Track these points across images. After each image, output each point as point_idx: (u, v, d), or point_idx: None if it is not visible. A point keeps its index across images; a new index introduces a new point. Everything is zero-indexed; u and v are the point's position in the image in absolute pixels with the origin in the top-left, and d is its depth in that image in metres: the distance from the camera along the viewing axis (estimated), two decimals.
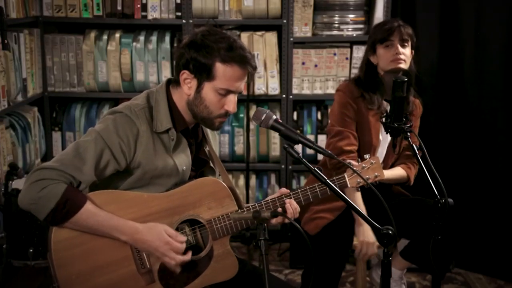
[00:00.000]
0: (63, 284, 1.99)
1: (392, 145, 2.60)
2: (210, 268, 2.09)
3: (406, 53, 2.76)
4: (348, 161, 2.25)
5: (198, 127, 2.23)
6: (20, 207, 1.98)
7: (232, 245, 2.15)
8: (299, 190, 2.14)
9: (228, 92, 2.04)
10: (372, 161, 2.21)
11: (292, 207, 2.11)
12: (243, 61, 2.02)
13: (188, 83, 2.06)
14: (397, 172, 2.83)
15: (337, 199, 2.76)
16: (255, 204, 2.11)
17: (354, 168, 2.12)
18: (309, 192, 2.14)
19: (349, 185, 2.18)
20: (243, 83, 2.07)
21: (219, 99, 2.05)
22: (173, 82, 2.13)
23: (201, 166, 2.23)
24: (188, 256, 2.04)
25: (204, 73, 2.02)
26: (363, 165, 2.21)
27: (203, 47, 2.01)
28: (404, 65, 2.76)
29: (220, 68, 2.01)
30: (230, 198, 2.10)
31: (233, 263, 2.11)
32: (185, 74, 2.05)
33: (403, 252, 2.91)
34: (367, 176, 2.19)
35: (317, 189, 2.14)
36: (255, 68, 2.07)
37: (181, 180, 2.12)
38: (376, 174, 2.21)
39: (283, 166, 4.00)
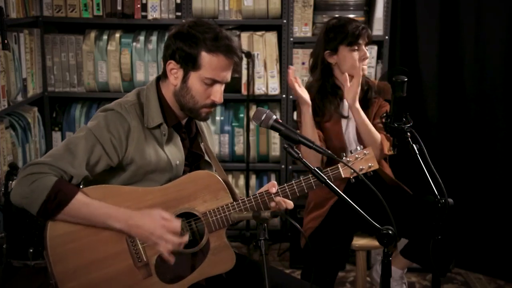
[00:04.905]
0: (60, 280, 1.99)
1: (392, 145, 2.61)
2: (207, 261, 2.09)
3: (369, 56, 2.83)
4: (344, 158, 2.25)
5: (192, 122, 2.24)
6: (16, 205, 1.98)
7: (232, 245, 2.16)
8: (293, 182, 2.14)
9: (214, 81, 2.07)
10: (365, 151, 2.22)
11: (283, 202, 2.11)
12: (229, 50, 2.04)
13: (175, 73, 2.09)
14: (374, 129, 2.77)
15: (319, 206, 2.80)
16: (250, 198, 2.11)
17: (349, 164, 2.13)
18: (303, 183, 2.14)
19: (343, 175, 2.18)
20: (229, 73, 2.09)
21: (205, 89, 2.07)
22: (162, 76, 2.16)
23: (195, 160, 2.24)
24: (185, 238, 2.02)
25: (190, 63, 2.04)
26: (357, 156, 2.21)
27: (189, 37, 2.04)
28: (366, 71, 2.83)
29: (205, 57, 2.03)
30: (225, 191, 2.11)
31: (230, 255, 2.12)
32: (171, 64, 2.08)
33: (403, 251, 2.91)
34: (361, 167, 2.20)
35: (311, 180, 2.14)
36: (241, 58, 2.10)
37: (174, 176, 2.13)
38: (370, 164, 2.21)
39: (283, 166, 4.00)
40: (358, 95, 2.72)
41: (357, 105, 2.73)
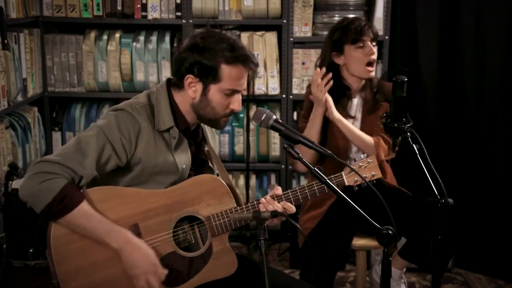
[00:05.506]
0: (62, 280, 1.99)
1: (392, 145, 2.60)
2: (209, 265, 2.09)
3: (376, 54, 2.81)
4: (347, 161, 2.26)
5: (199, 127, 2.23)
6: (20, 204, 1.99)
7: (232, 245, 2.16)
8: (297, 188, 2.14)
9: (234, 91, 2.07)
10: (369, 160, 2.22)
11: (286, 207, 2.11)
12: (247, 60, 2.06)
13: (193, 87, 2.08)
14: (364, 135, 2.75)
15: (317, 206, 2.80)
16: (253, 202, 2.12)
17: (352, 167, 2.13)
18: (307, 190, 2.14)
19: (346, 183, 2.19)
20: (246, 81, 2.11)
21: (225, 100, 2.08)
22: (173, 84, 2.15)
23: (200, 165, 2.24)
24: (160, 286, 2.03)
25: (210, 76, 2.04)
26: (360, 164, 2.21)
27: (206, 50, 2.03)
28: (373, 73, 2.82)
29: (225, 69, 2.04)
30: (229, 195, 2.11)
31: (232, 260, 2.12)
32: (189, 79, 2.07)
33: (401, 251, 2.91)
34: (364, 175, 2.20)
35: (315, 187, 2.14)
36: (257, 65, 2.10)
37: (179, 179, 2.13)
38: (373, 173, 2.21)
39: (283, 166, 4.00)
40: (333, 106, 2.73)
41: (337, 115, 2.73)
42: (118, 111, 2.07)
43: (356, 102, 2.87)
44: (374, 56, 2.80)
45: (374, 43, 2.81)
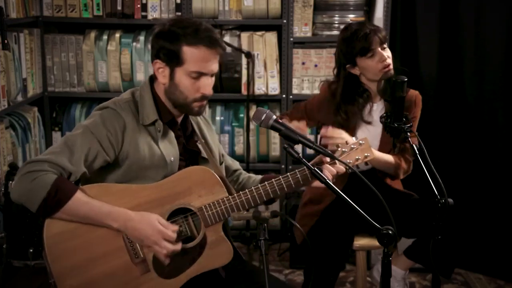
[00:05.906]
0: (58, 278, 2.00)
1: (392, 145, 2.60)
2: (204, 255, 2.09)
3: (389, 55, 2.73)
4: (340, 149, 2.21)
5: (187, 121, 2.25)
6: (16, 203, 1.99)
7: None
8: (280, 177, 2.14)
9: (200, 74, 2.09)
10: (361, 141, 2.20)
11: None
12: (210, 41, 2.07)
13: (162, 72, 2.12)
14: (386, 156, 2.72)
15: (316, 202, 2.79)
16: (246, 191, 2.11)
17: (345, 155, 2.13)
18: (290, 178, 2.13)
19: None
20: (214, 64, 2.11)
21: (192, 83, 2.09)
22: (154, 76, 2.19)
23: (192, 158, 2.25)
24: (179, 246, 2.04)
25: (174, 59, 2.08)
26: (352, 146, 2.19)
27: (169, 35, 2.07)
28: (392, 70, 2.74)
29: (187, 51, 2.06)
30: (220, 185, 2.11)
31: (227, 248, 2.12)
32: (157, 64, 2.11)
33: (407, 251, 2.89)
34: (357, 157, 2.19)
35: (298, 175, 2.14)
36: (224, 48, 2.13)
37: (170, 173, 2.14)
38: (366, 154, 2.20)
39: (283, 166, 4.00)
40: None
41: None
42: (103, 110, 2.11)
43: (376, 107, 2.82)
44: (389, 60, 2.70)
45: (384, 45, 2.73)
